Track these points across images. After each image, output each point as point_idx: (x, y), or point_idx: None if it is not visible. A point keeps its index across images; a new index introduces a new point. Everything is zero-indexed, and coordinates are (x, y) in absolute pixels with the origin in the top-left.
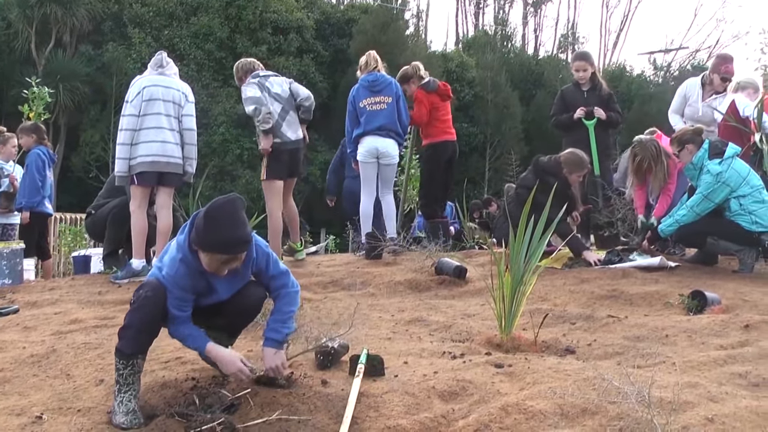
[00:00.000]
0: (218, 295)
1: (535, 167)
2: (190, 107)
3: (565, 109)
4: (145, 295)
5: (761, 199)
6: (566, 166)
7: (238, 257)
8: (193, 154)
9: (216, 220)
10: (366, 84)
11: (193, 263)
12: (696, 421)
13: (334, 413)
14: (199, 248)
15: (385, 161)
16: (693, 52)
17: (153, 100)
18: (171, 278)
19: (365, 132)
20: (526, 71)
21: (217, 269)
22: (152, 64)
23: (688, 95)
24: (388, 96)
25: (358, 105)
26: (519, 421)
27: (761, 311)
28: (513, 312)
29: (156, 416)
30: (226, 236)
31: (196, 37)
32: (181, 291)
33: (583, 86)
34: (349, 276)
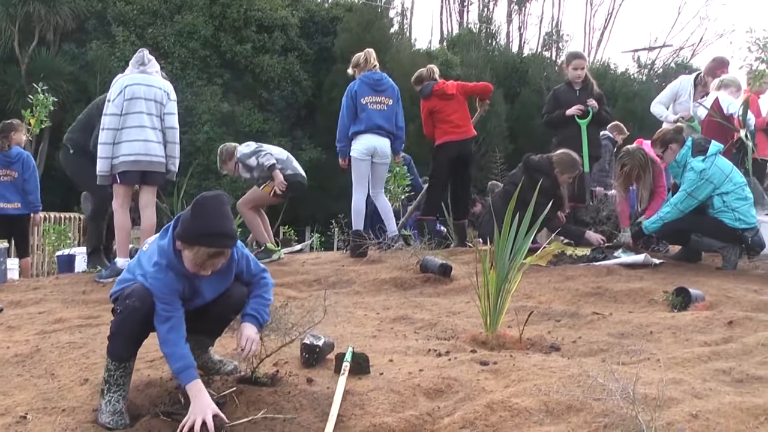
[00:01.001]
0: (203, 298)
1: (526, 166)
2: (172, 105)
3: (558, 108)
4: (133, 305)
5: (744, 196)
6: (558, 166)
7: (224, 252)
8: (176, 152)
9: (204, 212)
10: (370, 82)
11: (179, 267)
12: (680, 417)
13: (320, 411)
14: (186, 242)
15: (380, 160)
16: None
17: (135, 98)
18: (159, 284)
19: (366, 129)
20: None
21: (203, 265)
22: (134, 62)
23: (680, 93)
24: (390, 98)
25: (359, 101)
26: (504, 418)
27: (744, 308)
28: (498, 309)
29: (141, 416)
30: (214, 228)
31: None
32: (171, 296)
33: (576, 86)
34: (334, 274)
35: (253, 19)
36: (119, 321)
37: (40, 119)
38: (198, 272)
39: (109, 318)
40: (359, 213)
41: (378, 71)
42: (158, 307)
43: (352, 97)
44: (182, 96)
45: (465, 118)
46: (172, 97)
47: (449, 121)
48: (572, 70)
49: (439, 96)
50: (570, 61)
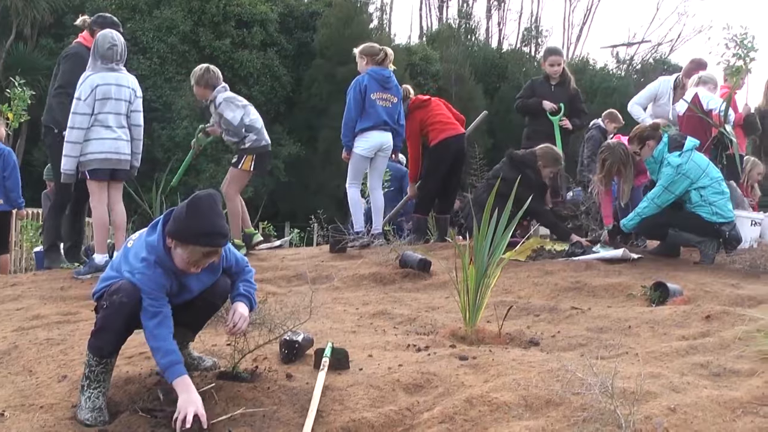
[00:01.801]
0: (190, 293)
1: (511, 160)
2: (138, 103)
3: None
4: (120, 301)
5: (721, 190)
6: (542, 159)
7: (218, 251)
8: (140, 148)
9: (199, 211)
10: (380, 78)
11: (168, 264)
12: (658, 411)
13: (299, 407)
14: (181, 241)
15: (384, 153)
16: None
17: (106, 99)
18: (147, 279)
19: (374, 126)
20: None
21: (197, 263)
22: (101, 55)
23: (659, 95)
24: (395, 96)
25: (368, 96)
26: (483, 413)
27: (722, 302)
28: (477, 304)
29: (120, 412)
30: (209, 227)
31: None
32: (158, 291)
33: (553, 80)
34: (314, 270)
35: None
36: (106, 315)
37: (19, 113)
38: (188, 270)
39: (87, 315)
40: (357, 205)
41: (388, 69)
42: (146, 302)
43: (362, 92)
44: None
45: (449, 117)
46: (138, 95)
47: (438, 121)
48: (549, 66)
49: (418, 107)
50: (546, 57)
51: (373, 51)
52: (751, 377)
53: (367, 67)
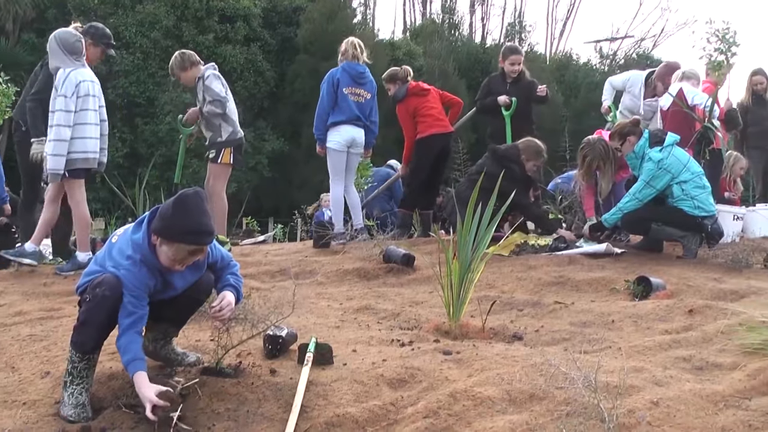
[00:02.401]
0: (175, 290)
1: (493, 155)
2: (102, 98)
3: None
4: (103, 294)
5: (702, 184)
6: (525, 153)
7: (204, 249)
8: (106, 143)
9: (185, 210)
10: (353, 73)
11: (153, 262)
12: (641, 404)
13: (283, 402)
14: (167, 239)
15: (355, 150)
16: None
17: (87, 96)
18: (131, 277)
19: (345, 120)
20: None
21: (182, 261)
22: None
23: (630, 86)
24: (369, 92)
25: (341, 90)
26: (467, 407)
27: (705, 296)
28: (461, 299)
29: (104, 408)
30: (196, 225)
31: (142, 26)
32: (141, 291)
33: (509, 78)
34: (297, 265)
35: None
36: (88, 309)
37: (2, 110)
38: (173, 267)
39: (71, 311)
40: (338, 206)
41: (362, 64)
42: (126, 299)
43: (334, 85)
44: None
45: (443, 113)
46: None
47: (430, 115)
48: (509, 65)
49: (416, 93)
50: (507, 56)
51: (343, 49)
52: (734, 371)
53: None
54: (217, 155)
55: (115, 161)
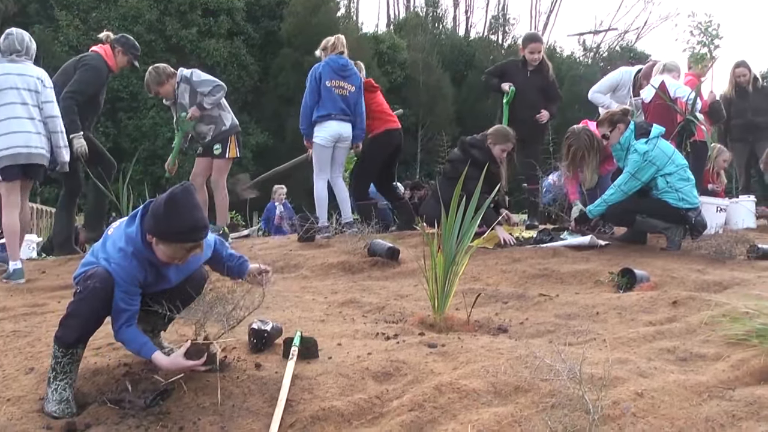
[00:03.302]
0: (169, 283)
1: (462, 144)
2: (49, 93)
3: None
4: (93, 286)
5: (686, 177)
6: (491, 137)
7: (201, 244)
8: (63, 141)
9: (178, 209)
10: (336, 67)
11: (145, 255)
12: (626, 396)
13: (269, 396)
14: (162, 239)
15: (343, 144)
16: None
17: (7, 89)
18: (122, 271)
19: (330, 114)
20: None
21: (181, 258)
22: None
23: (620, 85)
24: (353, 85)
25: (324, 83)
26: (453, 400)
27: (688, 288)
28: (446, 292)
29: (88, 404)
30: (190, 224)
31: (125, 20)
32: (131, 285)
33: (530, 66)
34: (282, 259)
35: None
36: (77, 301)
37: None
38: (172, 262)
39: (55, 306)
40: (322, 201)
41: (345, 57)
42: (117, 295)
43: (317, 80)
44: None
45: (389, 110)
46: (47, 84)
47: (383, 111)
48: (529, 53)
49: (368, 89)
50: (526, 44)
51: (324, 43)
52: (717, 361)
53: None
54: (223, 150)
55: None
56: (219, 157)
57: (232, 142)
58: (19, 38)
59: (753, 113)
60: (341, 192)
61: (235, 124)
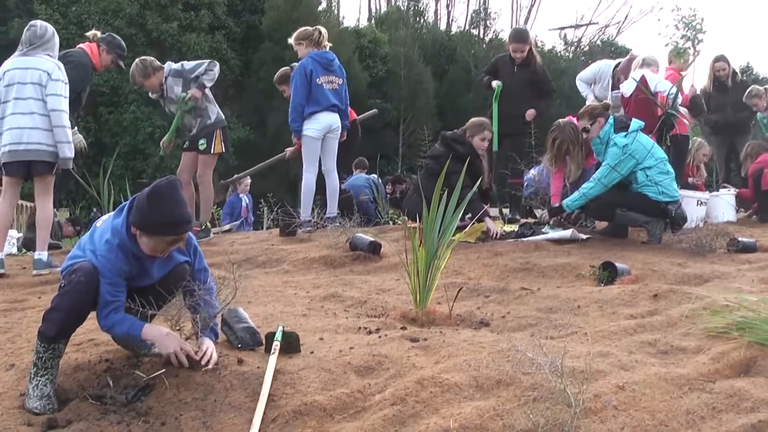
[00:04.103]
0: (151, 277)
1: (444, 140)
2: (53, 86)
3: (493, 74)
4: (78, 280)
5: (666, 170)
6: (469, 130)
7: (182, 238)
8: (63, 137)
9: (161, 202)
10: (323, 62)
11: (130, 248)
12: (607, 389)
13: (251, 391)
14: (145, 232)
15: (333, 135)
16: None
17: (12, 84)
18: (107, 263)
19: (322, 108)
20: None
21: (163, 251)
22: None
23: (600, 78)
24: (340, 78)
25: (314, 81)
26: (435, 394)
27: (669, 281)
28: (428, 286)
29: (69, 400)
30: (173, 217)
31: (105, 14)
32: (117, 277)
33: (516, 60)
34: (264, 253)
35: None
36: (61, 294)
37: None
38: (156, 255)
39: (35, 302)
40: (309, 193)
41: (331, 52)
42: (103, 287)
43: (307, 76)
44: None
45: None
46: (54, 77)
47: None
48: (512, 51)
49: None
50: (510, 42)
51: (308, 33)
52: (698, 354)
53: (307, 51)
54: (208, 145)
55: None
56: (204, 153)
57: (218, 137)
58: (41, 31)
59: (732, 107)
60: (333, 186)
61: (221, 118)
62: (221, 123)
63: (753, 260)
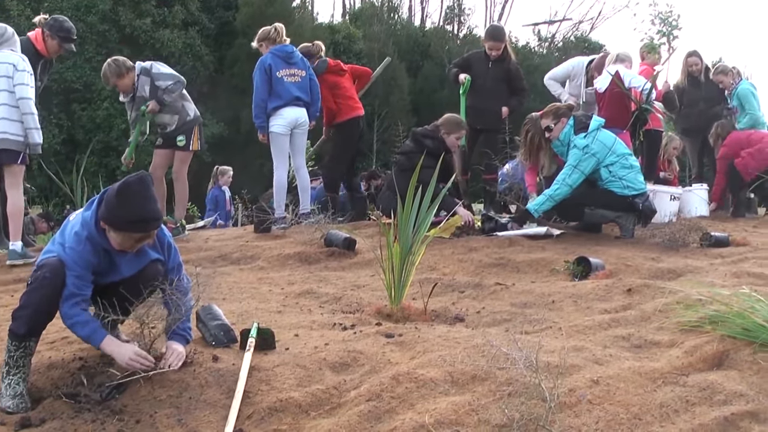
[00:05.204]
0: (120, 273)
1: (413, 135)
2: (19, 76)
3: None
4: (44, 276)
5: (629, 165)
6: (444, 127)
7: (150, 235)
8: (32, 123)
9: (130, 198)
10: (283, 55)
11: (98, 241)
12: (582, 383)
13: (226, 388)
14: (112, 227)
15: (300, 129)
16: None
17: None
18: (75, 255)
19: (285, 103)
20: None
21: (131, 247)
22: None
23: (573, 75)
24: (302, 70)
25: (274, 75)
26: (410, 389)
27: (643, 275)
28: (402, 282)
29: (43, 398)
30: (140, 214)
31: (77, 10)
32: (84, 270)
33: (491, 57)
34: (238, 250)
35: None
36: (28, 291)
37: None
38: (124, 249)
39: (8, 300)
40: (282, 189)
41: (290, 45)
42: (68, 279)
43: (267, 71)
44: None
45: (355, 93)
46: (20, 68)
47: (350, 97)
48: (488, 49)
49: (335, 71)
50: (486, 39)
51: (266, 33)
52: (671, 348)
53: (268, 50)
54: (187, 142)
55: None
56: (183, 149)
57: (195, 134)
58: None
59: (705, 103)
60: (303, 181)
61: (197, 115)
62: (199, 120)
63: (725, 254)
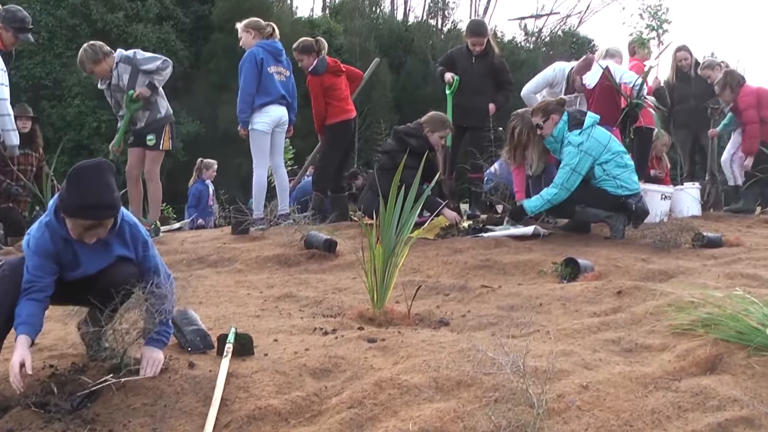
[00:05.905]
0: (84, 269)
1: (396, 133)
2: None
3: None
4: (3, 274)
5: (623, 163)
6: (428, 125)
7: (102, 224)
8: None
9: (80, 183)
10: (273, 51)
11: (58, 229)
12: (571, 389)
13: (202, 395)
14: (64, 212)
15: (281, 128)
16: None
17: None
18: (33, 242)
19: (273, 100)
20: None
21: (81, 236)
22: None
23: (555, 83)
24: (287, 70)
25: (265, 70)
26: (393, 396)
27: (633, 277)
28: (385, 285)
29: (11, 408)
30: (88, 200)
31: (47, 3)
32: (42, 258)
33: (474, 53)
34: (216, 252)
35: None
36: None
37: None
38: (82, 239)
39: None
40: (262, 189)
41: (279, 42)
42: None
43: (258, 66)
44: (50, 68)
45: (349, 95)
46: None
47: (343, 99)
48: (471, 45)
49: (333, 72)
50: (468, 35)
51: (260, 25)
52: (663, 352)
53: (255, 41)
54: (158, 141)
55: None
56: (153, 149)
57: (167, 133)
58: None
59: (695, 99)
60: (282, 181)
61: (170, 113)
62: (170, 118)
63: (718, 255)
